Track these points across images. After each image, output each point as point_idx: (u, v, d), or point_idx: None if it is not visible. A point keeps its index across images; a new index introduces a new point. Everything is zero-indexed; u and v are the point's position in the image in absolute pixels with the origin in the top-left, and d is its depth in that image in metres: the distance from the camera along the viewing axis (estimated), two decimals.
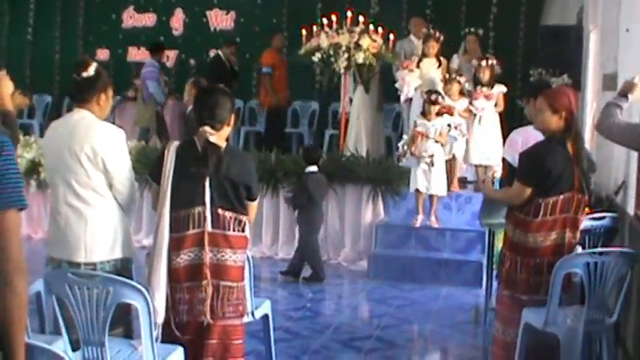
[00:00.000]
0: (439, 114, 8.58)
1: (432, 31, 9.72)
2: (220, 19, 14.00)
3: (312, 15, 12.12)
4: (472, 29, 10.39)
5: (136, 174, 4.37)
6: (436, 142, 8.48)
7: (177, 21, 14.19)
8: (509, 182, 4.96)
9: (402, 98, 9.85)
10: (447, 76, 9.03)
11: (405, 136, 8.84)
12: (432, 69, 9.55)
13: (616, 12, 6.98)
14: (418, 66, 9.58)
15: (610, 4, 7.41)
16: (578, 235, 4.81)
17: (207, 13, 14.03)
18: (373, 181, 9.17)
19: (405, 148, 8.61)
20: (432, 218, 8.72)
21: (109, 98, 4.36)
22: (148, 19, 14.33)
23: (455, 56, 10.07)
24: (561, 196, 4.72)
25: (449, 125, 8.64)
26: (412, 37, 10.71)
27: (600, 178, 7.01)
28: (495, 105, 9.08)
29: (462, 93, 9.01)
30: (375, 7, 12.79)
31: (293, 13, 13.35)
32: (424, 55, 9.64)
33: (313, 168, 8.42)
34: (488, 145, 8.97)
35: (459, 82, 8.99)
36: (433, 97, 8.59)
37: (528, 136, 5.27)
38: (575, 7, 10.08)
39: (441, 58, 9.66)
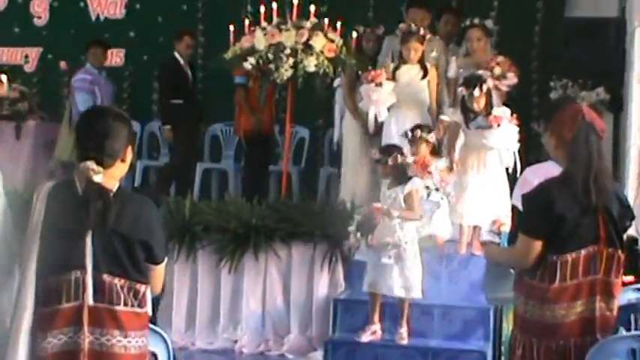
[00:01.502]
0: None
1: (413, 26, 9.63)
2: (105, 5, 13.88)
3: (241, 3, 12.26)
4: (476, 20, 10.07)
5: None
6: (402, 219, 7.88)
7: (42, 4, 14.00)
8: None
9: (370, 126, 9.78)
10: (410, 134, 8.72)
11: (356, 217, 8.41)
12: (413, 81, 9.55)
13: None
14: (394, 76, 9.57)
15: None
16: (614, 305, 4.90)
17: None
18: (329, 237, 9.20)
19: (359, 235, 8.09)
20: (401, 331, 8.25)
21: None
22: None
23: (452, 60, 9.91)
24: (583, 252, 4.84)
25: (427, 187, 8.44)
26: None
27: None
28: None
29: (434, 153, 8.74)
30: None
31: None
32: (402, 60, 9.64)
33: None
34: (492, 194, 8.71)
35: (426, 140, 8.66)
36: (383, 161, 8.04)
37: (548, 176, 5.33)
38: None
39: (427, 65, 9.60)
